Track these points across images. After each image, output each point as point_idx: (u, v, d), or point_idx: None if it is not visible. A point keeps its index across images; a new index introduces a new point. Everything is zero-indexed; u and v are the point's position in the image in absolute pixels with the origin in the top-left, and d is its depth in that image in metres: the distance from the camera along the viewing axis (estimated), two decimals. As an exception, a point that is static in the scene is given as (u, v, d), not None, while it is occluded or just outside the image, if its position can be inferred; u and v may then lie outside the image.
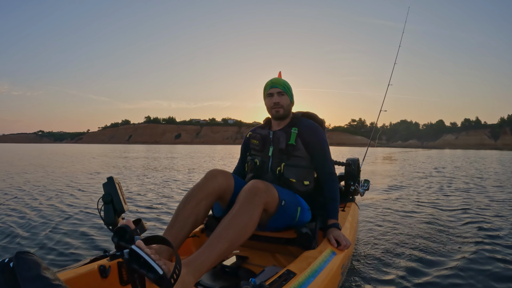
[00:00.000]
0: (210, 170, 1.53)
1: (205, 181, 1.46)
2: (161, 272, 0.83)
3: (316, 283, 1.24)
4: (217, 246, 1.15)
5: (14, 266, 0.80)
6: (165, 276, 0.83)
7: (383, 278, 2.00)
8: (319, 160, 1.73)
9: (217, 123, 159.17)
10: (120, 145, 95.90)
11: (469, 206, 4.29)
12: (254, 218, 1.28)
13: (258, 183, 1.37)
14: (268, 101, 1.76)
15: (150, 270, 0.83)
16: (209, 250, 1.13)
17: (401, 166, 13.19)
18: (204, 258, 1.10)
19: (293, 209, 1.55)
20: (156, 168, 10.87)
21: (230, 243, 1.18)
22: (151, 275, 0.83)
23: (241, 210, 1.27)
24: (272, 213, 1.46)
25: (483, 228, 3.13)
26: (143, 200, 5.09)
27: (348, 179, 2.74)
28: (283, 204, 1.47)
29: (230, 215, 1.26)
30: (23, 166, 12.39)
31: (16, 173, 9.41)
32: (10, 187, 7.15)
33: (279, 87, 1.73)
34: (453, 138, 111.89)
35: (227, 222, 1.23)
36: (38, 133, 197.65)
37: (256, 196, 1.32)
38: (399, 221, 3.43)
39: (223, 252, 1.15)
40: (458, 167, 12.45)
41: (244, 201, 1.30)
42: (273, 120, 1.83)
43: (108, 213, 1.45)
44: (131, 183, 7.45)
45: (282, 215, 1.50)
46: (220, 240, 1.16)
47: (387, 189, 6.10)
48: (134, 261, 0.85)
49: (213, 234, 1.19)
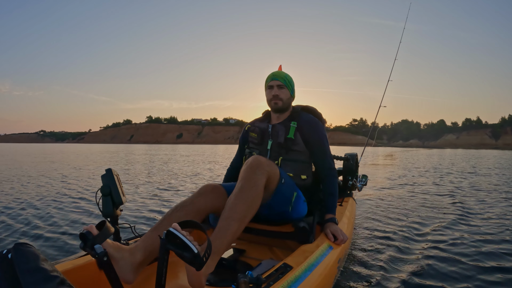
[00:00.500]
0: (203, 186, 1.48)
1: (196, 197, 1.41)
2: (196, 251, 0.90)
3: (313, 277, 1.25)
4: (228, 228, 1.17)
5: (12, 257, 0.80)
6: (199, 255, 0.90)
7: (379, 272, 2.02)
8: (319, 156, 1.73)
9: (218, 123, 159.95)
10: (122, 144, 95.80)
11: (466, 201, 4.32)
12: (259, 190, 1.29)
13: (259, 157, 1.38)
14: (268, 93, 1.76)
15: (186, 249, 0.91)
16: (221, 234, 1.16)
17: (399, 163, 13.23)
18: (218, 242, 1.13)
19: (290, 191, 1.53)
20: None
21: (240, 221, 1.21)
22: (187, 254, 0.90)
23: (245, 185, 1.27)
24: (272, 190, 1.44)
25: (483, 225, 3.16)
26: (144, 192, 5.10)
27: (346, 174, 2.74)
28: (283, 182, 1.47)
29: (234, 193, 1.27)
30: (39, 163, 12.40)
31: (33, 169, 9.41)
32: (15, 181, 7.15)
33: (280, 79, 1.73)
34: (454, 138, 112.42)
35: (232, 202, 1.24)
36: (39, 133, 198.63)
37: (258, 169, 1.32)
38: (396, 216, 3.45)
39: (235, 232, 1.19)
40: (454, 164, 12.50)
41: (247, 175, 1.30)
42: (272, 113, 1.82)
43: (107, 205, 1.45)
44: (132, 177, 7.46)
45: (280, 196, 1.48)
46: (229, 221, 1.19)
47: (384, 185, 6.13)
48: (171, 242, 0.93)
49: (221, 217, 1.21)
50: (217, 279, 1.39)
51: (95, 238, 1.03)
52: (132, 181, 6.74)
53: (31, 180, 6.80)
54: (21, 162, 12.43)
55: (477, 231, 2.92)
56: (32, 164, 11.69)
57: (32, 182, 6.38)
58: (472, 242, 2.58)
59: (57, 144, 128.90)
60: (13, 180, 6.71)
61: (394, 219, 3.33)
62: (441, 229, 2.97)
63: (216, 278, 1.39)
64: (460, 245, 2.50)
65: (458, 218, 3.38)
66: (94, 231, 1.04)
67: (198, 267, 0.91)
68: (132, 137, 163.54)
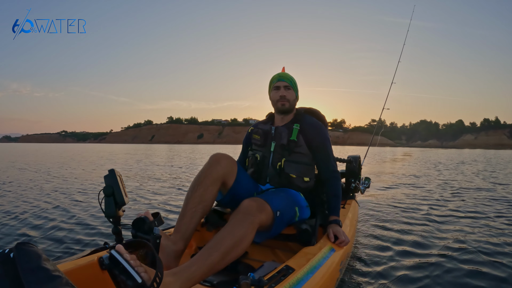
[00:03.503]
0: (213, 155, 1.52)
1: (210, 167, 1.46)
2: (139, 281, 0.79)
3: (315, 279, 1.25)
4: (209, 257, 1.10)
5: (14, 256, 0.80)
6: (144, 284, 0.79)
7: (381, 275, 2.01)
8: (322, 159, 1.72)
9: (238, 123, 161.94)
10: (143, 144, 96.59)
11: (474, 205, 4.29)
12: (248, 238, 1.23)
13: (250, 201, 1.33)
14: (274, 94, 1.74)
15: (129, 277, 0.80)
16: (201, 261, 1.09)
17: (412, 164, 13.17)
18: (195, 268, 1.06)
19: (290, 213, 1.53)
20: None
21: (223, 254, 1.13)
22: (129, 283, 0.80)
23: (236, 224, 1.22)
24: (269, 226, 1.41)
25: (488, 233, 3.13)
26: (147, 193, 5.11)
27: (349, 176, 2.74)
28: (278, 215, 1.42)
29: (223, 229, 1.22)
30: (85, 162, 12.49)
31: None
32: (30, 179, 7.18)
33: (286, 81, 1.73)
34: (472, 138, 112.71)
35: (220, 235, 1.18)
36: (61, 133, 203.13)
37: (250, 216, 1.26)
38: (399, 219, 3.43)
39: (215, 265, 1.11)
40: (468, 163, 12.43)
41: (238, 220, 1.24)
42: (276, 114, 1.82)
43: (109, 206, 1.45)
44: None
45: (280, 223, 1.47)
46: (212, 252, 1.12)
47: (387, 187, 6.09)
48: (114, 266, 0.82)
49: (205, 246, 1.15)
50: (219, 281, 1.38)
51: (152, 223, 1.10)
52: (139, 180, 6.76)
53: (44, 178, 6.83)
54: (71, 160, 12.59)
55: (486, 236, 2.89)
56: (82, 162, 11.78)
57: (41, 182, 6.41)
58: (479, 248, 2.54)
59: (79, 144, 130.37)
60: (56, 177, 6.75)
61: (397, 222, 3.31)
62: (446, 233, 2.94)
63: (217, 279, 1.39)
64: (466, 252, 2.44)
65: (465, 223, 3.35)
66: (150, 217, 1.13)
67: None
68: (153, 137, 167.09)
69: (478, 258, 2.30)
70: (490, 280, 1.96)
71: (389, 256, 2.34)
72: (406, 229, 3.03)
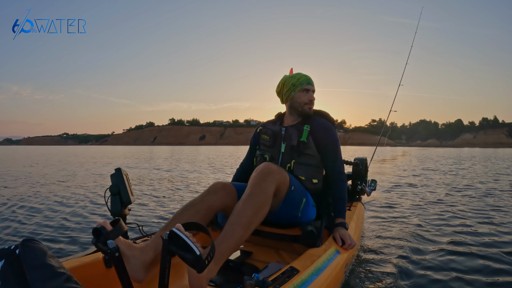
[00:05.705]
0: (213, 184, 1.48)
1: (206, 195, 1.42)
2: (198, 253, 0.89)
3: (319, 281, 1.24)
4: (233, 233, 1.16)
5: (20, 253, 0.80)
6: (201, 257, 0.89)
7: (386, 278, 1.99)
8: (330, 160, 1.72)
9: (240, 125, 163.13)
10: (146, 146, 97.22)
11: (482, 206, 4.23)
12: (268, 197, 1.28)
13: (270, 165, 1.38)
14: (303, 96, 1.72)
15: (188, 251, 0.89)
16: (226, 239, 1.15)
17: (412, 162, 13.06)
18: (223, 246, 1.13)
19: (299, 197, 1.53)
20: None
21: (246, 227, 1.20)
22: (189, 256, 0.89)
23: (254, 191, 1.27)
24: (281, 197, 1.44)
25: (499, 232, 3.08)
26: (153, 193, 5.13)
27: (355, 178, 2.73)
28: (292, 189, 1.47)
29: (243, 199, 1.26)
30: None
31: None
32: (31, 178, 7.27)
33: (313, 85, 1.76)
34: (471, 137, 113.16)
35: (240, 207, 1.23)
36: (63, 135, 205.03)
37: (269, 176, 1.32)
38: (405, 222, 3.39)
39: (240, 238, 1.18)
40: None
41: (257, 182, 1.30)
42: (289, 115, 1.80)
43: (115, 204, 1.46)
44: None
45: (289, 203, 1.48)
46: (235, 227, 1.18)
47: (394, 189, 6.04)
48: (173, 243, 0.91)
49: (228, 222, 1.20)
50: (223, 281, 1.38)
51: (109, 234, 1.03)
52: (143, 181, 6.80)
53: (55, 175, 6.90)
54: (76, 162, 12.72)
55: (495, 239, 2.85)
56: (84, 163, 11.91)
57: (50, 180, 6.48)
58: (487, 252, 2.49)
59: (81, 146, 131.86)
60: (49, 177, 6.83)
61: (403, 225, 3.27)
62: (454, 236, 2.90)
63: (222, 279, 1.39)
64: (473, 256, 2.40)
65: (473, 225, 3.31)
66: (108, 226, 1.05)
67: (199, 270, 0.90)
68: (155, 139, 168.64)
69: (492, 267, 2.23)
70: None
71: (395, 259, 2.31)
72: (414, 232, 2.99)
